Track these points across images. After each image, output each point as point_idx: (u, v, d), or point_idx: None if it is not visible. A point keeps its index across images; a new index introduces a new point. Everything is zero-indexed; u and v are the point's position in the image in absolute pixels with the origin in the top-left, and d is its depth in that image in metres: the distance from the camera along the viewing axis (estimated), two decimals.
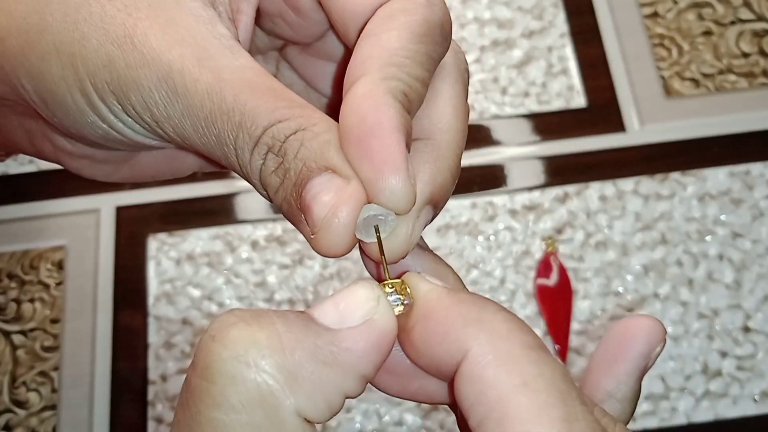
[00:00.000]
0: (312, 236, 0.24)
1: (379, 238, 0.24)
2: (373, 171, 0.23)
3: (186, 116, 0.24)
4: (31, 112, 0.28)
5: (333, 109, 0.31)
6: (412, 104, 0.25)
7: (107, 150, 0.29)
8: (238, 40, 0.25)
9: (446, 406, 0.29)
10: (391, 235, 0.25)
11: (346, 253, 0.24)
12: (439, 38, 0.26)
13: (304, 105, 0.24)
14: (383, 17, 0.26)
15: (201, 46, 0.24)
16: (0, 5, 0.26)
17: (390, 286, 0.24)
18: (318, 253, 0.25)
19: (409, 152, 0.24)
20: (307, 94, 0.32)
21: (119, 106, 0.25)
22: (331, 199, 0.23)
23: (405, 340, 0.24)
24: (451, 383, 0.22)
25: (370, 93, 0.24)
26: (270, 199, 0.25)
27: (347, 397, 0.22)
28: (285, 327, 0.21)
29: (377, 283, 0.24)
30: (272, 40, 0.31)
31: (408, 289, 0.24)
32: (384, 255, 0.24)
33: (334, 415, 0.22)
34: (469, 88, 0.85)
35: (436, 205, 0.26)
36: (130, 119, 0.26)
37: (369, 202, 0.24)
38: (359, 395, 0.23)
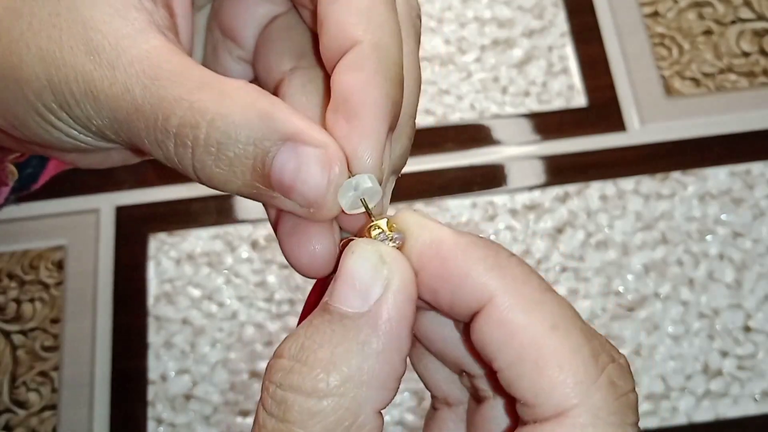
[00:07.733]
0: (311, 210, 0.24)
1: (365, 205, 0.24)
2: (354, 146, 0.24)
3: (118, 121, 0.24)
4: None
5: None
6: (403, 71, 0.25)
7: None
8: (157, 16, 0.25)
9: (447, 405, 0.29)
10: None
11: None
12: None
13: (218, 81, 0.24)
14: None
15: (115, 45, 0.24)
16: None
17: (376, 228, 0.24)
18: (315, 220, 0.24)
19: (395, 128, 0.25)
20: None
21: (71, 121, 0.25)
22: (323, 172, 0.23)
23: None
24: (466, 325, 0.23)
25: (364, 77, 0.24)
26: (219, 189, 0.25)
27: (407, 356, 0.23)
28: (324, 343, 0.22)
29: (370, 239, 0.24)
30: None
31: (394, 225, 0.24)
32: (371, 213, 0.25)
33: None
34: (470, 88, 0.84)
35: (398, 171, 0.27)
36: (83, 132, 0.26)
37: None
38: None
